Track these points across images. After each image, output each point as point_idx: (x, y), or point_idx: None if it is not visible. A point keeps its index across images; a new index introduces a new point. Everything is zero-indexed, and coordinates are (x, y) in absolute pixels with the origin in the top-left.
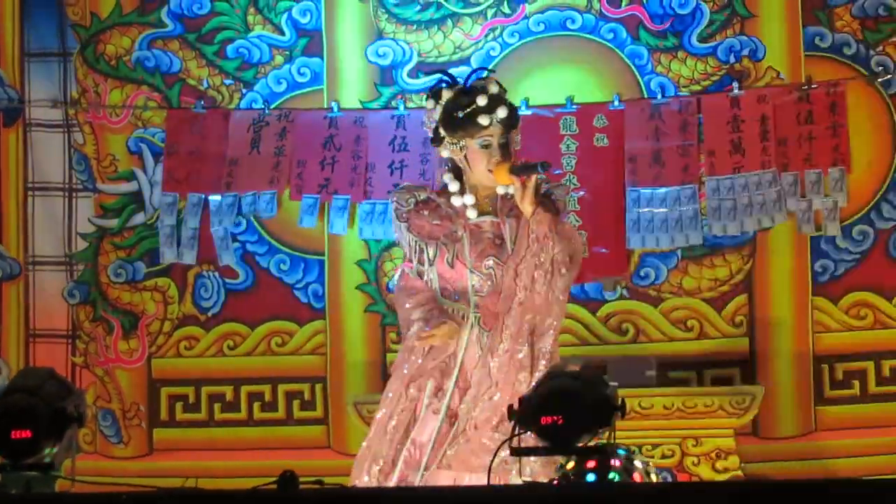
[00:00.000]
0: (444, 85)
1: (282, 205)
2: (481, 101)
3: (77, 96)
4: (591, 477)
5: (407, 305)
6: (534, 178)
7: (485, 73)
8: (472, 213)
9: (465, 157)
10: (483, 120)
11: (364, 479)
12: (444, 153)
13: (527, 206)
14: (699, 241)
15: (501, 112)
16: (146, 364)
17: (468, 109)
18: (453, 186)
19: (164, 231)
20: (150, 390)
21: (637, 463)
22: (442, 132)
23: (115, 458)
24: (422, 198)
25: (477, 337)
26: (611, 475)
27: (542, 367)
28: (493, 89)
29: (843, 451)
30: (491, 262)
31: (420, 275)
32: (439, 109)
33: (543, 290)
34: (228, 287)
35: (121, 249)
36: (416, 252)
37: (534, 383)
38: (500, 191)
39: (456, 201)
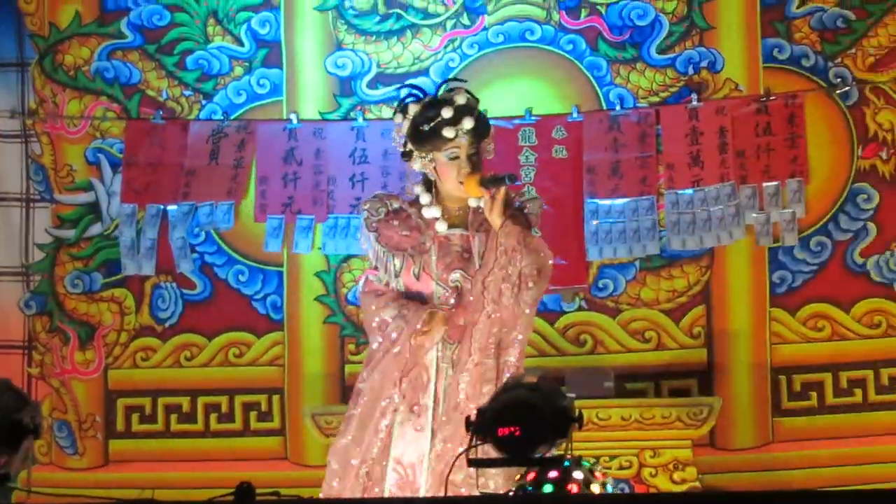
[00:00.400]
0: (411, 99)
1: (240, 216)
2: (446, 113)
3: (35, 106)
4: (548, 488)
5: (374, 307)
6: (503, 190)
7: (453, 85)
8: (441, 226)
9: (435, 169)
10: (448, 132)
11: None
12: (416, 166)
13: (495, 219)
14: (657, 251)
15: (467, 123)
16: (102, 375)
17: (433, 122)
18: (425, 198)
19: (125, 242)
20: (106, 401)
21: (595, 474)
22: (410, 146)
23: (70, 470)
24: (394, 207)
25: (441, 350)
26: (569, 487)
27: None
28: (461, 100)
29: (801, 462)
30: (457, 276)
31: (386, 285)
32: (407, 124)
33: (510, 303)
34: (186, 298)
35: (78, 260)
36: (382, 262)
37: None
38: (473, 204)
39: (427, 213)
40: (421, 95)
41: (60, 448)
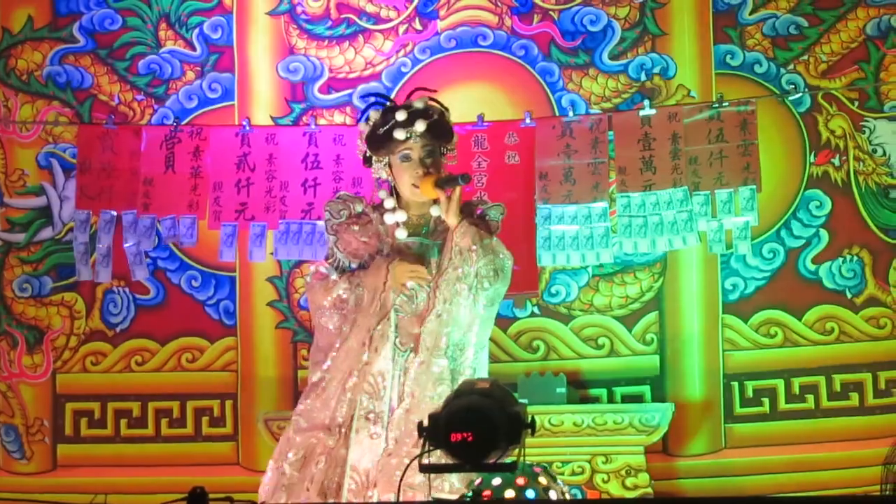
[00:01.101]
0: (376, 107)
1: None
2: (400, 116)
3: None
4: (509, 493)
5: (324, 290)
6: (457, 190)
7: (423, 93)
8: (401, 234)
9: (392, 173)
10: (399, 134)
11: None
12: (380, 174)
13: (451, 218)
14: (610, 259)
15: (420, 126)
16: (51, 379)
17: (387, 125)
18: (389, 203)
19: (79, 249)
20: (54, 405)
21: (543, 479)
22: (369, 151)
23: (18, 474)
24: (356, 210)
25: (395, 358)
26: (528, 492)
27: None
28: (417, 105)
29: (753, 468)
30: (414, 283)
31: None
32: (367, 129)
33: (467, 303)
34: (139, 303)
35: (27, 264)
36: (340, 265)
37: None
38: (435, 212)
39: (389, 219)
40: (386, 103)
41: (7, 452)
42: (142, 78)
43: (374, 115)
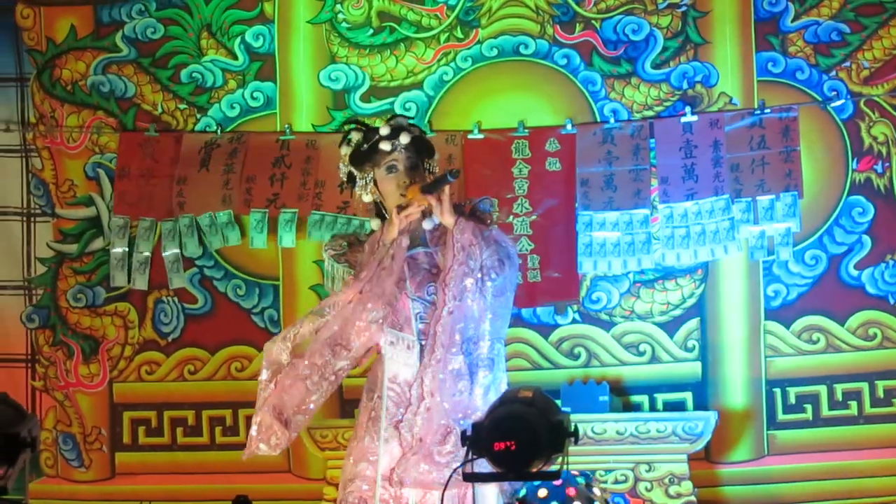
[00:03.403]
0: (354, 128)
1: (239, 224)
2: (384, 130)
3: (35, 121)
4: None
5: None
6: (446, 189)
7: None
8: (405, 240)
9: (378, 188)
10: (385, 146)
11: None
12: (364, 198)
13: (447, 218)
14: (651, 265)
15: (404, 138)
16: (107, 388)
17: (371, 140)
18: (375, 223)
19: (115, 254)
20: (111, 414)
21: (595, 490)
22: (352, 170)
23: (76, 482)
24: (356, 240)
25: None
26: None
27: (482, 375)
28: (399, 121)
29: (796, 475)
30: (432, 289)
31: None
32: (349, 150)
33: (477, 296)
34: (187, 312)
35: (80, 274)
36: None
37: (476, 391)
38: (427, 226)
39: (387, 236)
40: (364, 128)
41: (66, 461)
42: (184, 87)
43: (355, 135)
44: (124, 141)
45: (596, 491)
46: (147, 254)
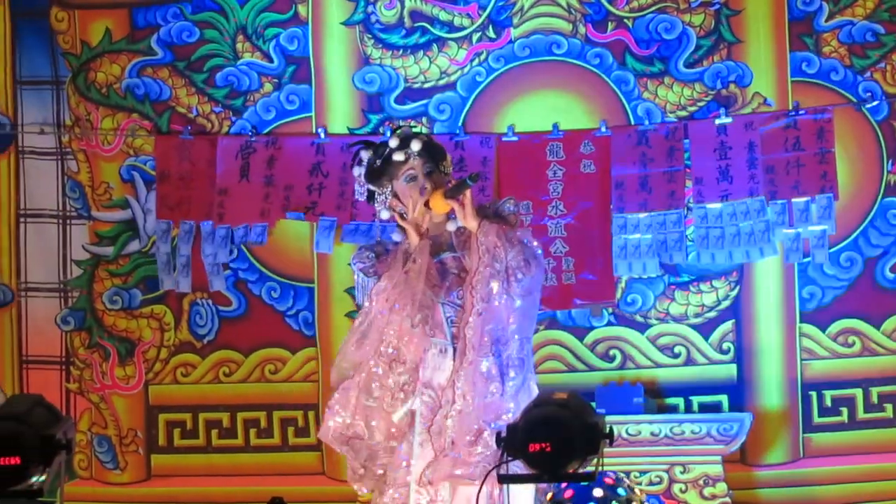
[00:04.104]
0: (362, 148)
1: (272, 232)
2: (393, 142)
3: (70, 124)
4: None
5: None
6: (468, 193)
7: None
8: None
9: (399, 200)
10: (398, 156)
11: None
12: (383, 215)
13: (471, 222)
14: (684, 265)
15: (415, 145)
16: (143, 390)
17: (384, 155)
18: (398, 236)
19: (161, 259)
20: (147, 416)
21: (635, 490)
22: (370, 187)
23: (111, 485)
24: (381, 250)
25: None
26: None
27: (512, 376)
28: (406, 132)
29: (831, 478)
30: (461, 292)
31: None
32: (363, 170)
33: (504, 298)
34: (222, 314)
35: (116, 277)
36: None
37: (507, 392)
38: (451, 227)
39: (412, 241)
40: (372, 145)
41: (101, 463)
42: (219, 90)
43: (365, 154)
44: (160, 144)
45: (634, 491)
46: (188, 255)
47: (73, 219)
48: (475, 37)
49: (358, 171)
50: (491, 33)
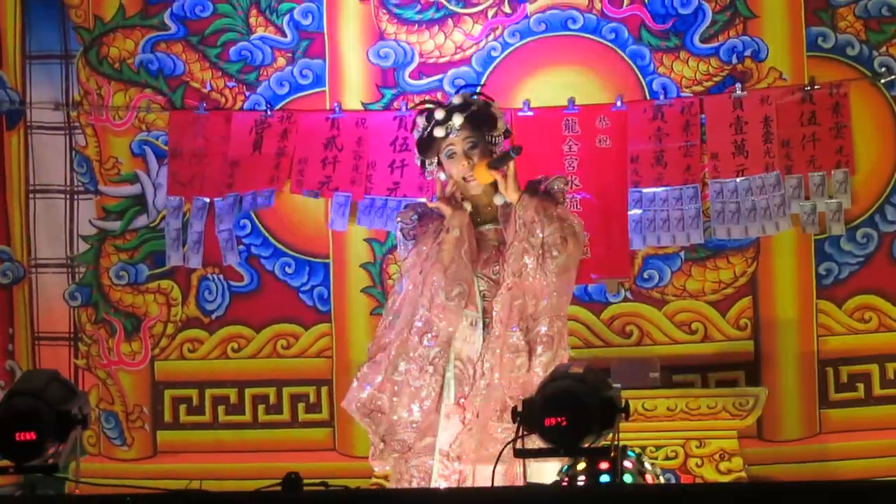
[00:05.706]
0: (422, 113)
1: (284, 207)
2: (438, 115)
3: (80, 98)
4: (604, 478)
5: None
6: (511, 165)
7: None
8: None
9: (445, 171)
10: (438, 132)
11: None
12: (441, 176)
13: (511, 194)
14: (700, 240)
15: (457, 119)
16: (149, 366)
17: (428, 128)
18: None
19: (170, 234)
20: (153, 392)
21: (646, 465)
22: (422, 157)
23: (118, 461)
24: (424, 210)
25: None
26: (625, 477)
27: (540, 352)
28: (455, 101)
29: (848, 453)
30: (497, 268)
31: None
32: (417, 138)
33: (537, 273)
34: (233, 290)
35: (123, 252)
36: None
37: (534, 369)
38: (498, 201)
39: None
40: (431, 107)
41: (108, 439)
42: (233, 65)
43: (420, 121)
44: (174, 120)
45: (647, 465)
46: (200, 231)
47: (80, 194)
48: (490, 12)
49: (416, 136)
50: (506, 8)
